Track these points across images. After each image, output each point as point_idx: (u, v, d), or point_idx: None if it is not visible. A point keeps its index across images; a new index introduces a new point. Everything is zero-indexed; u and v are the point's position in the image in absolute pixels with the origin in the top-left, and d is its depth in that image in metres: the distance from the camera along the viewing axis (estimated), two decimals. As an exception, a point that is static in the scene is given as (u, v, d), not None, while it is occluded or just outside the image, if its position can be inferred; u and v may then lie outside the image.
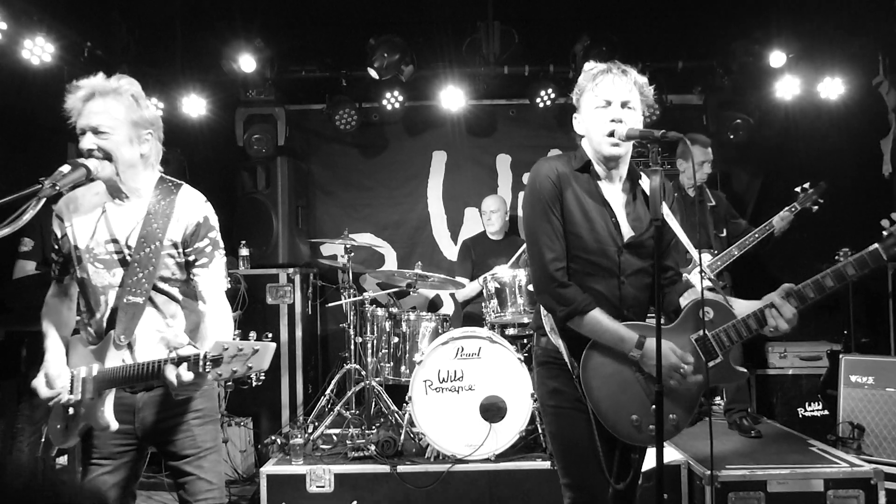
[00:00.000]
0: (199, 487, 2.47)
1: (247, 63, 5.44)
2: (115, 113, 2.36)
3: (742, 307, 2.48)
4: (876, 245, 2.34)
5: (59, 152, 5.22)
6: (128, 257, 2.41)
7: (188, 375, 2.18)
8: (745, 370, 2.59)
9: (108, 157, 2.36)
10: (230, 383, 1.92)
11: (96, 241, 2.43)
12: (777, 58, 5.46)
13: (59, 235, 2.49)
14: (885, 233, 2.35)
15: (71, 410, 2.43)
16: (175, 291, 2.50)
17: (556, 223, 2.46)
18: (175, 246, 2.47)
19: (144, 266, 2.40)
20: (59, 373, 2.44)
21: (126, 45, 5.31)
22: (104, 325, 2.42)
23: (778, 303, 2.38)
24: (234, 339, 2.20)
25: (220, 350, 2.14)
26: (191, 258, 2.50)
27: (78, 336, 2.54)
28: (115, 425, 2.36)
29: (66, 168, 2.24)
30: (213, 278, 2.52)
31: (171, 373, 2.20)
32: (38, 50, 4.52)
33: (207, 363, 2.14)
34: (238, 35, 5.43)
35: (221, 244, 2.58)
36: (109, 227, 2.44)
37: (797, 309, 2.37)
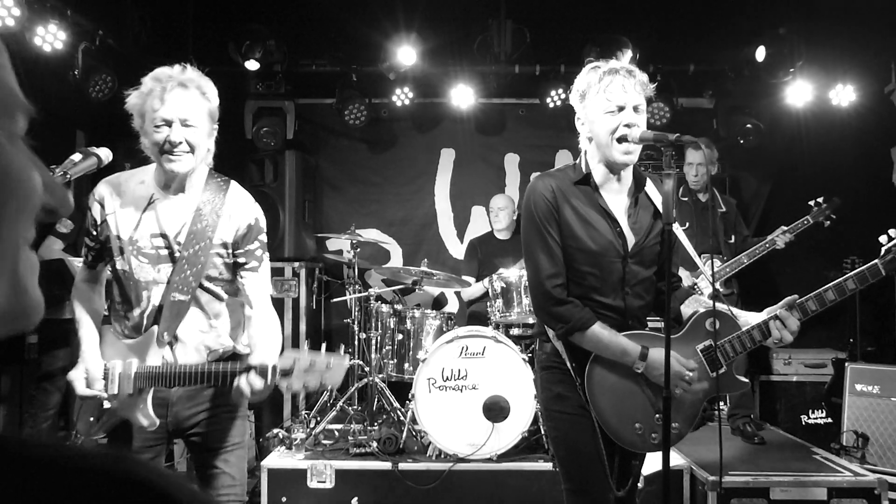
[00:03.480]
0: (222, 482, 2.45)
1: (258, 47, 5.41)
2: (200, 105, 2.32)
3: (746, 318, 2.50)
4: (875, 261, 2.42)
5: (69, 140, 5.23)
6: (177, 254, 2.36)
7: (259, 382, 2.20)
8: (747, 380, 2.62)
9: (192, 149, 2.31)
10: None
11: (141, 234, 2.37)
12: (760, 52, 5.41)
13: (98, 221, 2.41)
14: (883, 249, 2.43)
15: (105, 405, 2.39)
16: (220, 290, 2.46)
17: (551, 241, 2.43)
18: (225, 246, 2.44)
19: (193, 264, 2.36)
20: (99, 371, 2.38)
21: (138, 34, 5.30)
22: (144, 320, 2.39)
23: (783, 315, 2.41)
24: (305, 349, 2.21)
25: (290, 362, 2.17)
26: (241, 260, 2.46)
27: (109, 327, 2.48)
28: (157, 422, 2.35)
29: (77, 156, 2.22)
30: (261, 283, 2.50)
31: (243, 383, 2.21)
32: (51, 37, 4.52)
33: (277, 374, 2.17)
34: (250, 27, 5.42)
35: (267, 246, 2.55)
36: (158, 220, 2.38)
37: (800, 321, 2.41)
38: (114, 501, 0.48)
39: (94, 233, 2.44)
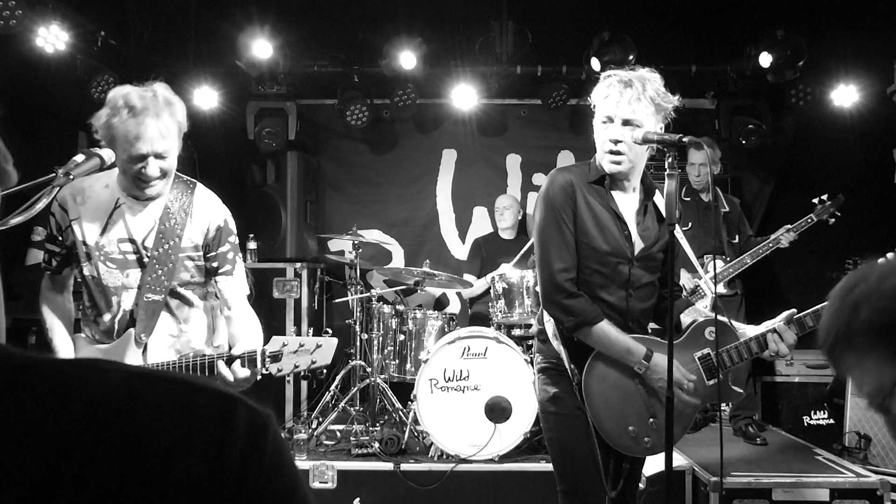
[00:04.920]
0: None
1: (261, 49, 5.38)
2: (172, 130, 2.27)
3: (744, 331, 2.54)
4: None
5: (71, 140, 5.23)
6: (145, 258, 2.36)
7: (244, 372, 2.23)
8: (741, 391, 2.66)
9: (164, 175, 2.30)
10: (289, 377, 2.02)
11: (108, 239, 2.37)
12: (765, 58, 5.42)
13: (63, 227, 2.40)
14: None
15: None
16: (191, 295, 2.47)
17: (566, 233, 2.44)
18: (196, 248, 2.44)
19: (164, 263, 2.37)
20: None
21: (139, 35, 5.31)
22: (115, 325, 2.39)
23: (781, 328, 2.44)
24: (292, 335, 2.24)
25: (279, 346, 2.23)
26: (213, 265, 2.47)
27: (79, 334, 2.48)
28: None
29: (79, 157, 2.22)
30: (237, 285, 2.51)
31: (224, 370, 2.23)
32: (52, 38, 4.52)
33: (266, 359, 2.23)
34: (251, 28, 5.43)
35: (239, 248, 2.56)
36: (126, 226, 2.37)
37: (797, 336, 2.44)
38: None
39: (60, 238, 2.42)
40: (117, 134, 2.22)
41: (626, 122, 2.38)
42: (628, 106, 2.37)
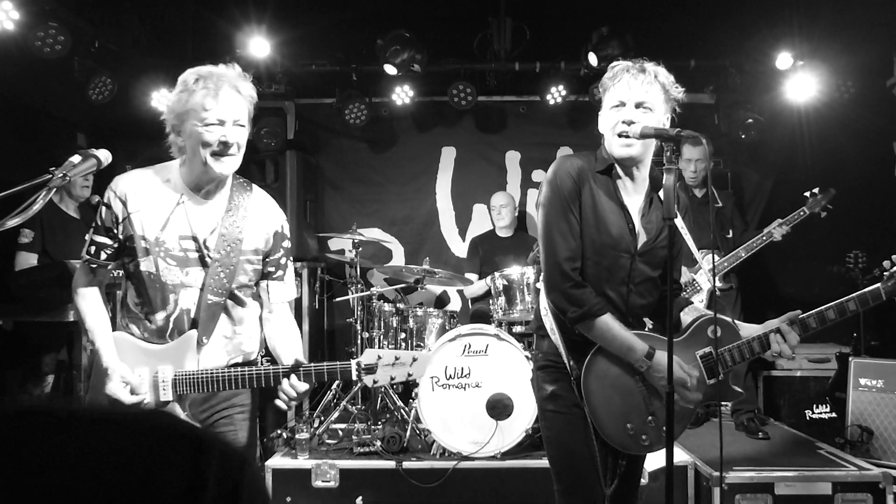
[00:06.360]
0: None
1: (259, 49, 5.37)
2: (246, 105, 2.30)
3: (747, 330, 2.51)
4: (878, 285, 2.46)
5: (70, 141, 5.23)
6: (207, 257, 2.34)
7: (303, 386, 2.28)
8: (741, 390, 2.64)
9: (238, 151, 2.30)
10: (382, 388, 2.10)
11: (168, 235, 2.32)
12: (784, 60, 5.41)
13: (120, 218, 2.32)
14: (885, 273, 2.47)
15: None
16: (244, 296, 2.46)
17: (573, 221, 2.40)
18: (256, 252, 2.43)
19: (226, 266, 2.35)
20: (135, 378, 2.30)
21: (137, 37, 5.30)
22: (170, 324, 2.34)
23: (785, 329, 2.42)
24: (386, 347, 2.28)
25: (373, 359, 2.29)
26: (270, 269, 2.48)
27: (122, 332, 2.40)
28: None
29: (76, 158, 2.22)
30: (284, 290, 2.52)
31: (286, 385, 2.26)
32: (50, 40, 4.51)
33: (362, 371, 2.29)
34: (249, 27, 5.42)
35: (291, 250, 2.56)
36: (189, 223, 2.33)
37: (800, 336, 2.43)
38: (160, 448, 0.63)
39: (115, 231, 2.34)
40: (192, 102, 2.21)
41: (638, 105, 2.37)
42: (641, 87, 2.36)
